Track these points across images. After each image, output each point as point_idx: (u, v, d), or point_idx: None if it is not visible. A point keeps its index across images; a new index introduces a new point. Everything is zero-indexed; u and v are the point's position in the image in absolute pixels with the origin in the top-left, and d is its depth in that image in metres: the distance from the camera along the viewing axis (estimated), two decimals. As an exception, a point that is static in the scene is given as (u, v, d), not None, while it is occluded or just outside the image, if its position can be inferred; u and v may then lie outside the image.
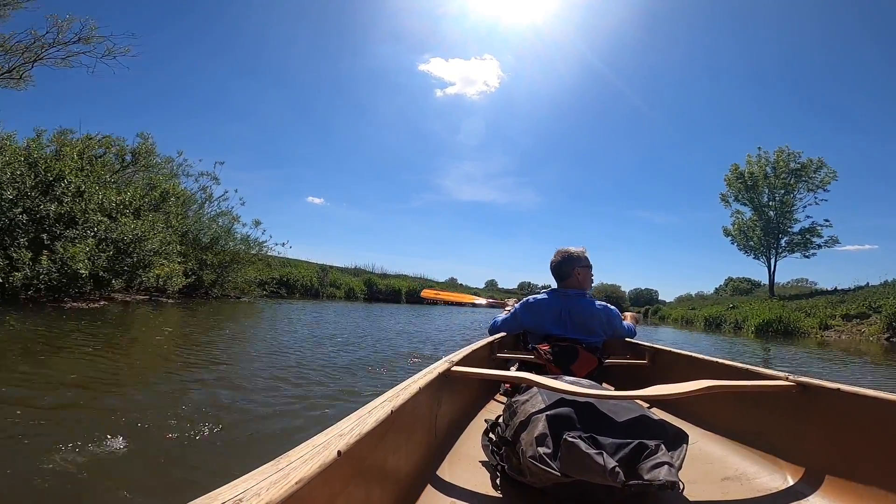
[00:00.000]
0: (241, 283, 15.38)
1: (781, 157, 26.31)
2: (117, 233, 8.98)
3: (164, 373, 3.30)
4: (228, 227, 15.83)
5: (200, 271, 13.55)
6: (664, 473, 0.77)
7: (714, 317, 21.47)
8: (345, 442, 0.58)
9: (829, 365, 6.87)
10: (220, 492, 0.42)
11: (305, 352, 4.67)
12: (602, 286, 57.13)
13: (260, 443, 1.98)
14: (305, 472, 0.48)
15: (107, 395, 2.59)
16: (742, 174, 27.29)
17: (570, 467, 0.78)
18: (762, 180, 26.86)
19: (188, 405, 2.42)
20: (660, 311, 34.59)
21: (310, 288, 21.61)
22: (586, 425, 0.86)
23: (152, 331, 5.78)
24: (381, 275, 28.16)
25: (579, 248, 2.22)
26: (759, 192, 27.10)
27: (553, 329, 2.06)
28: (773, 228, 26.28)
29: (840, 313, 15.89)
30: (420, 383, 0.96)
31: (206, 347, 4.61)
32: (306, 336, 6.16)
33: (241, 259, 15.61)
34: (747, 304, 23.10)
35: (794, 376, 1.19)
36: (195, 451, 1.84)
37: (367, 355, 4.73)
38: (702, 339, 12.67)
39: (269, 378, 3.23)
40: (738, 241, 27.87)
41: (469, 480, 0.98)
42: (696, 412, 1.49)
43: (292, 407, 2.56)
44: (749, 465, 1.15)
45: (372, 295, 24.16)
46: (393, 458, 0.80)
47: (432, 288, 20.11)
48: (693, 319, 24.20)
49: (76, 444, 1.75)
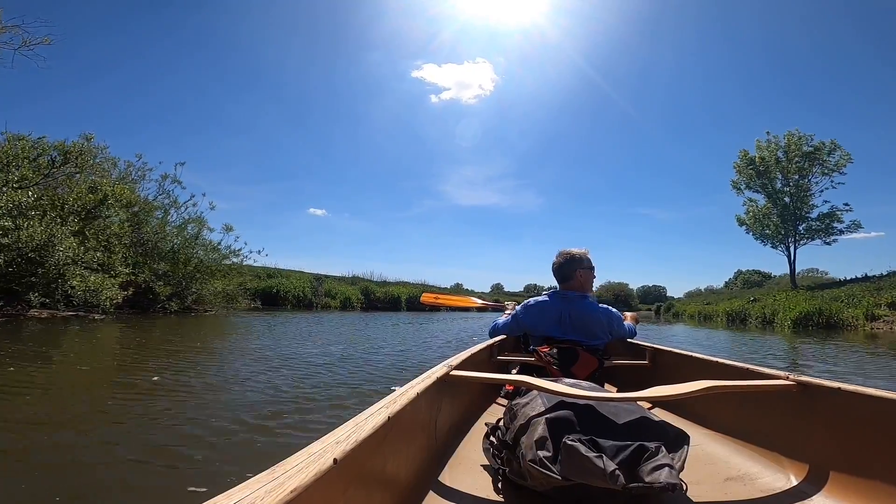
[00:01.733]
0: (208, 295, 13.71)
1: (793, 141, 24.93)
2: (15, 237, 7.32)
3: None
4: (196, 233, 14.32)
5: (155, 283, 12.43)
6: (665, 476, 0.76)
7: (736, 311, 19.82)
8: (341, 449, 0.58)
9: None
10: (216, 501, 0.41)
11: (245, 385, 3.42)
12: (609, 284, 56.33)
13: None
14: (301, 481, 0.48)
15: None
16: (753, 160, 25.85)
17: (571, 471, 0.78)
18: (774, 165, 25.35)
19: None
20: (673, 307, 32.90)
21: (302, 299, 20.02)
22: (586, 428, 0.86)
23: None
24: (379, 282, 26.39)
25: (582, 250, 2.20)
26: (772, 178, 25.56)
27: (554, 331, 2.05)
28: (790, 215, 24.66)
29: (885, 301, 14.11)
30: (418, 388, 0.97)
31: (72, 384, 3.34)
32: (262, 356, 4.99)
33: (206, 269, 14.49)
34: (769, 296, 21.60)
35: (794, 375, 1.19)
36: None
37: (332, 382, 3.64)
38: (732, 338, 10.98)
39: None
40: (753, 230, 26.44)
41: (470, 485, 0.98)
42: (698, 413, 1.48)
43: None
44: (752, 465, 1.15)
45: (369, 304, 22.66)
46: (392, 464, 0.81)
47: (432, 292, 18.94)
48: (711, 315, 22.65)
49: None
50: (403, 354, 5.71)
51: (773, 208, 26.30)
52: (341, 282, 26.25)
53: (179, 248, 14.30)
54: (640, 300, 60.18)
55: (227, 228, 15.80)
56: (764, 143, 26.87)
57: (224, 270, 15.35)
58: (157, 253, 13.61)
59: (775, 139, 26.80)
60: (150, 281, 12.38)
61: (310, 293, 21.69)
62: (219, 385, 3.42)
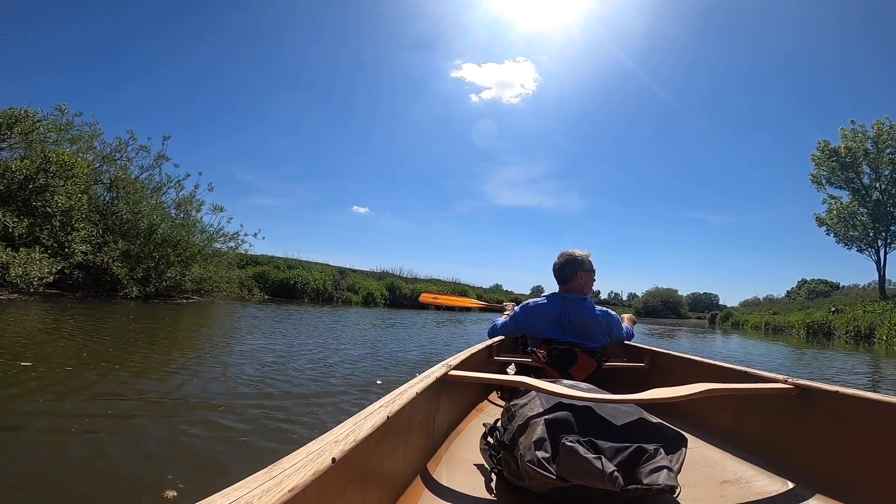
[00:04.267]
0: (186, 281, 13.00)
1: (883, 130, 21.27)
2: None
3: None
4: (184, 213, 12.84)
5: (113, 264, 11.28)
6: (663, 477, 0.78)
7: (819, 323, 16.45)
8: (340, 448, 0.58)
9: None
10: (212, 500, 0.41)
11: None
12: (657, 290, 52.98)
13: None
14: (299, 480, 0.48)
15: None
16: (836, 151, 22.04)
17: (569, 471, 0.80)
18: (862, 157, 21.44)
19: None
20: (731, 316, 29.15)
21: (322, 292, 18.40)
22: (585, 429, 0.88)
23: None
24: (408, 279, 24.47)
25: (584, 252, 2.20)
26: (858, 172, 21.64)
27: (552, 333, 2.07)
28: (881, 214, 20.75)
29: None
30: (417, 388, 0.99)
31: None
32: (233, 361, 3.94)
33: (181, 250, 13.02)
34: (856, 307, 18.04)
35: (792, 378, 1.20)
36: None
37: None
38: (850, 361, 8.46)
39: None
40: (836, 232, 22.59)
41: (468, 485, 1.01)
42: (695, 415, 1.49)
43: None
44: (747, 468, 1.15)
45: (395, 300, 20.80)
46: (390, 463, 0.84)
47: (450, 293, 17.76)
48: (783, 327, 19.20)
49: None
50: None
51: (860, 206, 22.42)
52: (368, 276, 24.51)
53: (155, 228, 12.99)
54: (689, 307, 55.75)
55: (214, 209, 14.59)
56: (849, 132, 23.03)
57: (208, 254, 13.81)
58: (133, 232, 12.12)
59: (862, 128, 23.02)
60: (108, 262, 11.21)
61: (331, 287, 20.01)
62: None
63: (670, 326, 22.48)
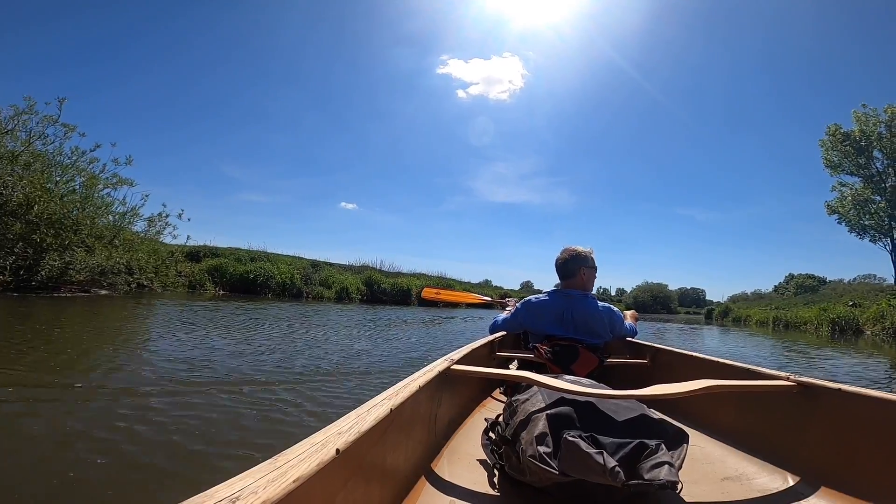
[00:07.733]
0: (73, 271, 10.51)
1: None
2: None
3: None
4: (86, 190, 10.18)
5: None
6: (665, 473, 0.78)
7: (847, 320, 14.46)
8: (343, 440, 0.58)
9: None
10: (217, 489, 0.41)
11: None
12: (647, 285, 51.62)
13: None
14: (303, 471, 0.48)
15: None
16: (847, 135, 20.23)
17: (570, 467, 0.81)
18: (876, 141, 19.67)
19: None
20: (731, 311, 27.29)
21: (289, 287, 15.80)
22: (586, 424, 0.89)
23: None
24: (389, 272, 21.95)
25: (587, 248, 2.20)
26: (871, 157, 19.89)
27: (554, 329, 2.07)
28: (898, 202, 19.15)
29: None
30: (419, 382, 0.99)
31: None
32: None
33: (68, 235, 10.60)
34: (880, 301, 16.22)
35: (795, 376, 1.19)
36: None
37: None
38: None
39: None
40: (848, 220, 20.77)
41: (468, 479, 1.01)
42: (697, 412, 1.50)
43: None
44: (749, 465, 1.16)
45: (373, 296, 18.34)
46: (392, 456, 0.84)
47: (446, 287, 15.32)
48: (796, 323, 17.24)
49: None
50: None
51: (873, 194, 20.65)
52: (346, 270, 21.89)
53: (33, 202, 10.28)
54: (678, 302, 54.65)
55: (121, 182, 12.26)
56: (862, 116, 21.27)
57: (110, 237, 11.16)
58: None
59: (874, 112, 21.29)
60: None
61: (299, 281, 17.38)
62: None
63: (661, 322, 20.40)
